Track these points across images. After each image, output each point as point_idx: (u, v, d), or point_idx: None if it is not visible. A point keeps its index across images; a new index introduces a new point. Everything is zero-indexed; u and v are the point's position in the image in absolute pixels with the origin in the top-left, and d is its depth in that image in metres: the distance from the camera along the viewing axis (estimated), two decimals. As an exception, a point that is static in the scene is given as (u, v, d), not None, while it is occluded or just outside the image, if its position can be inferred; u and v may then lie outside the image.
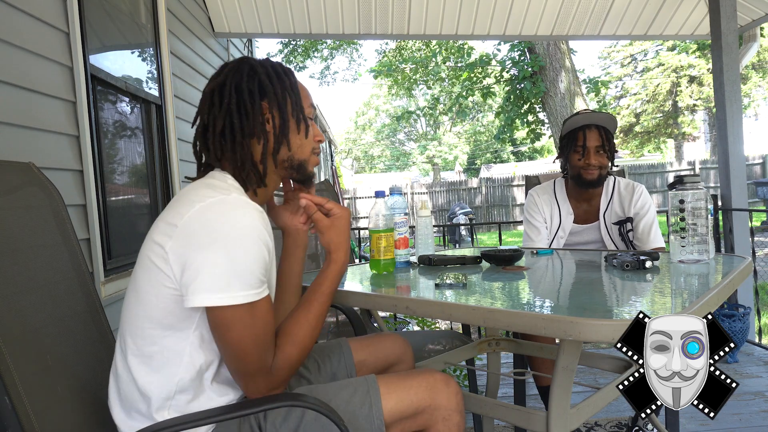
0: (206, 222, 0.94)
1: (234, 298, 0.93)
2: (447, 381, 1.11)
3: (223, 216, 0.95)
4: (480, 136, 30.02)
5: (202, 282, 0.92)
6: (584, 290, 1.29)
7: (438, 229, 9.43)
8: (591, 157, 2.04)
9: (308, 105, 1.16)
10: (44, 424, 0.94)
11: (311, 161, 1.18)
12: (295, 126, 1.12)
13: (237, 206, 0.97)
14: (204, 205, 0.96)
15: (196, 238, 0.94)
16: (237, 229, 0.94)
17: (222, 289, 0.92)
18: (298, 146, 1.14)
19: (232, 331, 0.95)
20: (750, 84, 19.22)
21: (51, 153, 1.84)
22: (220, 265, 0.92)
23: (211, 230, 0.94)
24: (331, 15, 4.03)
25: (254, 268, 0.95)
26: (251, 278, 0.95)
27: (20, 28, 1.72)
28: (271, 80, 1.10)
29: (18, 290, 1.03)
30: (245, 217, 0.96)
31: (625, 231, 2.10)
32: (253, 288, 0.95)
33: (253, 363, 0.97)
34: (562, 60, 8.52)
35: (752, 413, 2.40)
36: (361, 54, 21.58)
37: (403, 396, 1.07)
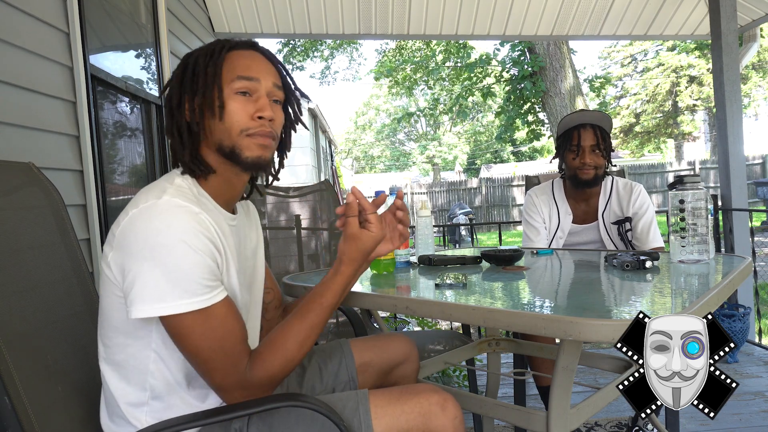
0: (136, 231, 0.90)
1: (174, 307, 0.88)
2: (443, 405, 1.01)
3: (151, 223, 0.90)
4: (480, 136, 30.03)
5: (139, 292, 0.88)
6: (584, 290, 1.29)
7: (438, 229, 9.43)
8: (586, 156, 2.03)
9: (233, 79, 1.01)
10: (44, 424, 0.94)
11: (244, 145, 1.01)
12: (209, 111, 1.01)
13: (165, 211, 0.90)
14: (135, 212, 0.92)
15: (129, 248, 0.90)
16: (165, 236, 0.89)
17: (159, 299, 0.88)
18: (221, 131, 1.01)
19: (187, 341, 0.91)
20: (750, 84, 19.21)
21: (51, 153, 1.84)
22: (153, 274, 0.88)
23: (141, 239, 0.89)
24: (331, 15, 4.03)
25: (192, 274, 0.89)
26: (191, 285, 0.89)
27: (20, 28, 1.72)
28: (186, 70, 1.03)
29: (18, 290, 1.03)
30: (175, 221, 0.90)
31: (624, 231, 2.10)
32: (196, 295, 0.90)
33: (220, 372, 0.93)
34: (562, 60, 8.52)
35: (752, 413, 2.40)
36: (361, 54, 21.58)
37: (394, 421, 0.99)
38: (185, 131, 1.03)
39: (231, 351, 0.93)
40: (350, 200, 1.08)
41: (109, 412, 1.02)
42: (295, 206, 2.55)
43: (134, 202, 0.94)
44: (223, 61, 1.02)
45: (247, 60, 1.04)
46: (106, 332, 0.99)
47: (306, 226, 2.57)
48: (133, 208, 0.92)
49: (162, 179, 1.02)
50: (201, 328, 0.91)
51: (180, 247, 0.89)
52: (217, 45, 1.05)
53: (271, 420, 0.99)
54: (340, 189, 13.65)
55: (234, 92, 1.01)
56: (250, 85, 1.02)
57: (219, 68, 1.01)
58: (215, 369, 0.93)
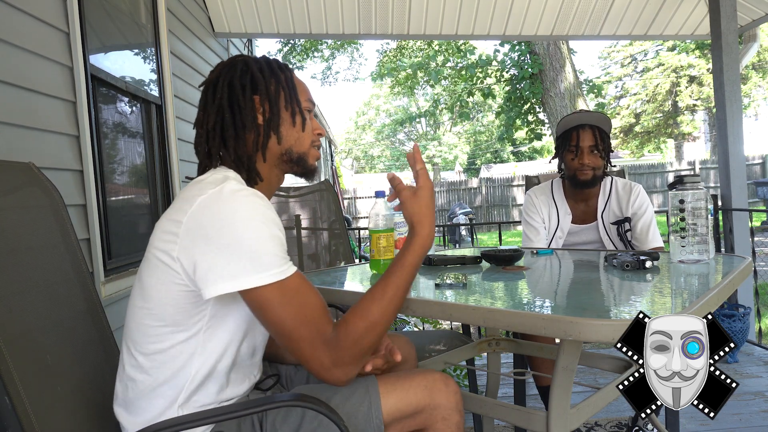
0: (209, 213, 0.94)
1: (254, 281, 0.92)
2: (446, 380, 1.10)
3: (224, 203, 0.95)
4: (480, 136, 30.03)
5: (217, 271, 0.92)
6: (584, 290, 1.29)
7: (438, 229, 9.43)
8: (585, 157, 2.03)
9: (305, 99, 1.16)
10: (44, 424, 0.94)
11: (311, 154, 1.17)
12: (289, 119, 1.12)
13: (236, 192, 0.96)
14: (204, 197, 0.96)
15: (203, 230, 0.94)
16: (240, 212, 0.94)
17: (238, 275, 0.92)
18: (295, 139, 1.13)
19: (268, 313, 0.95)
20: (750, 84, 19.22)
21: (51, 153, 1.84)
22: (231, 251, 0.92)
23: (215, 220, 0.94)
24: (331, 15, 4.03)
25: (268, 247, 0.94)
26: (267, 258, 0.93)
27: (20, 28, 1.72)
28: (264, 74, 1.11)
29: (18, 290, 1.03)
30: (247, 200, 0.96)
31: (623, 231, 2.10)
32: (275, 267, 0.94)
33: (304, 339, 0.95)
34: (562, 60, 8.52)
35: (752, 413, 2.40)
36: (361, 54, 21.60)
37: (402, 395, 1.06)
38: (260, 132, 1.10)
39: (313, 319, 0.96)
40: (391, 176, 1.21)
41: (132, 407, 1.02)
42: (295, 206, 2.55)
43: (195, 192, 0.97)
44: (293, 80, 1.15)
45: (304, 85, 1.19)
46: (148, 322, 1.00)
47: (306, 226, 2.57)
48: (200, 196, 0.96)
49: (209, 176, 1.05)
50: (280, 299, 0.94)
51: (255, 223, 0.94)
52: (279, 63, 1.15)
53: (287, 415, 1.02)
54: (340, 189, 13.65)
55: (305, 109, 1.16)
56: (312, 107, 1.19)
57: (294, 86, 1.14)
58: (301, 338, 0.95)
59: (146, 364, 1.00)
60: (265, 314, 0.95)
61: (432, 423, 1.08)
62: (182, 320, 0.98)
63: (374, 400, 1.04)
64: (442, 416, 1.07)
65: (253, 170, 1.10)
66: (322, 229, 2.60)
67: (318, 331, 0.96)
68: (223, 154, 1.10)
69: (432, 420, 1.08)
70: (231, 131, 1.08)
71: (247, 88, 1.09)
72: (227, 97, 1.09)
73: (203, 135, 1.10)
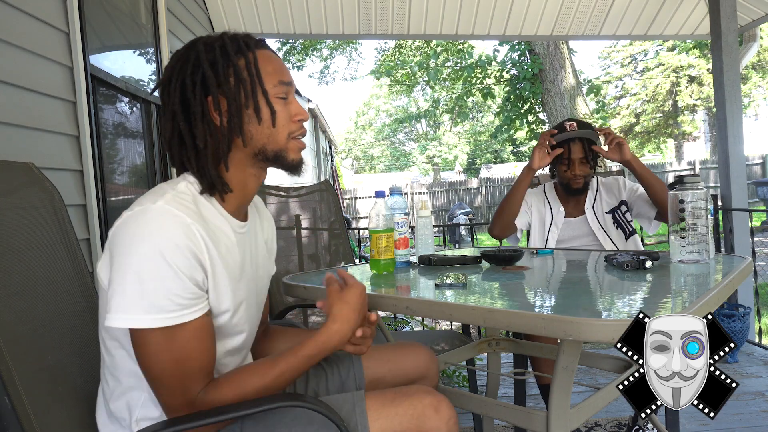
0: (124, 235, 0.88)
1: (138, 321, 0.85)
2: (437, 407, 0.99)
3: (138, 229, 0.87)
4: (480, 136, 30.02)
5: (113, 300, 0.86)
6: (584, 290, 1.29)
7: (438, 229, 9.42)
8: (576, 168, 2.19)
9: (275, 83, 0.99)
10: (44, 424, 0.94)
11: (290, 148, 1.02)
12: (254, 116, 0.98)
13: (155, 218, 0.87)
14: (129, 215, 0.89)
15: (115, 251, 0.88)
16: (147, 245, 0.85)
17: (124, 310, 0.85)
18: (266, 136, 0.99)
19: (143, 355, 0.88)
20: (750, 84, 19.21)
21: (51, 153, 1.84)
22: (128, 282, 0.85)
23: (125, 245, 0.87)
24: (331, 15, 4.02)
25: (166, 289, 0.86)
26: (162, 300, 0.85)
27: (20, 28, 1.72)
28: (216, 68, 0.96)
29: (18, 290, 1.03)
30: (161, 232, 0.86)
31: (620, 214, 2.23)
32: (164, 312, 0.86)
33: (166, 392, 0.89)
34: (562, 60, 8.51)
35: (752, 413, 2.40)
36: (360, 53, 21.59)
37: (389, 424, 0.98)
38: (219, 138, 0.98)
39: (186, 375, 0.89)
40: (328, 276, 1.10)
41: (108, 414, 1.02)
42: (295, 206, 2.55)
43: (132, 204, 0.93)
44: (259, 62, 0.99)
45: (276, 63, 1.02)
46: (104, 336, 0.98)
47: (306, 226, 2.56)
48: (128, 212, 0.90)
49: (168, 182, 0.99)
50: (159, 347, 0.87)
51: (157, 260, 0.85)
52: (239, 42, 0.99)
53: (265, 421, 0.98)
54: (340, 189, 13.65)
55: (276, 96, 1.00)
56: (288, 89, 1.02)
57: (259, 70, 0.98)
58: (163, 388, 0.90)
59: (107, 376, 0.99)
60: (138, 354, 0.89)
61: None
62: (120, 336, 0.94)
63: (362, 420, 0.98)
64: None
65: (217, 183, 0.98)
66: (322, 229, 2.60)
67: (184, 387, 0.90)
68: (185, 163, 1.00)
69: None
70: (189, 140, 0.98)
71: (197, 89, 0.96)
72: (179, 102, 0.97)
73: (165, 143, 1.02)
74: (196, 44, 1.00)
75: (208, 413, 0.92)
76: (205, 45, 0.99)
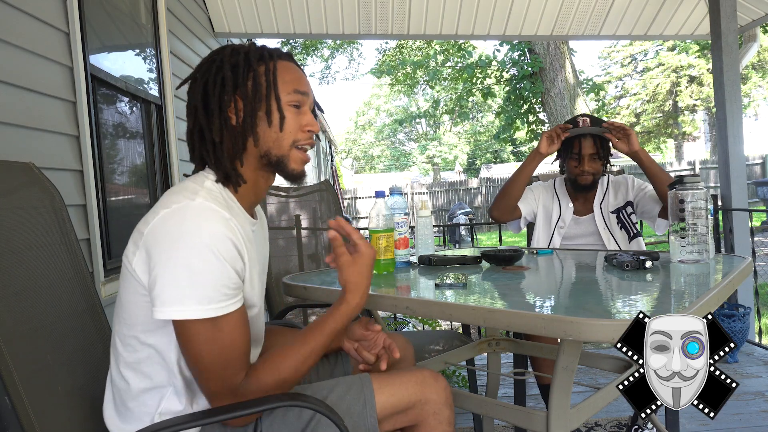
0: (167, 231, 0.91)
1: (191, 312, 0.89)
2: (436, 377, 1.11)
3: (182, 223, 0.91)
4: (480, 136, 30.03)
5: (161, 293, 0.89)
6: (584, 290, 1.29)
7: (438, 229, 9.43)
8: (585, 164, 2.16)
9: (290, 91, 1.05)
10: (44, 424, 0.94)
11: (292, 157, 1.06)
12: (265, 118, 1.03)
13: (198, 214, 0.92)
14: (167, 212, 0.93)
15: (158, 247, 0.91)
16: (195, 237, 0.90)
17: (178, 302, 0.89)
18: (273, 140, 1.04)
19: (192, 346, 0.92)
20: (750, 84, 19.22)
21: (51, 153, 1.84)
22: (177, 276, 0.89)
23: (171, 240, 0.90)
24: (331, 15, 4.03)
25: (215, 280, 0.90)
26: (211, 291, 0.90)
27: (20, 28, 1.72)
28: (237, 71, 1.03)
29: (18, 290, 1.03)
30: (206, 224, 0.91)
31: (626, 215, 2.21)
32: (214, 302, 0.90)
33: (215, 381, 0.93)
34: (562, 60, 8.52)
35: (752, 413, 2.40)
36: (361, 53, 21.61)
37: (394, 391, 1.07)
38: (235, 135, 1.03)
39: (231, 362, 0.94)
40: (332, 235, 1.11)
41: (120, 413, 1.02)
42: (295, 206, 2.55)
43: (164, 202, 0.95)
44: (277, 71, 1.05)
45: (296, 73, 1.08)
46: (126, 331, 0.99)
47: (306, 226, 2.56)
48: (163, 209, 0.93)
49: (189, 181, 1.03)
50: (208, 335, 0.91)
51: (206, 253, 0.90)
52: (263, 51, 1.06)
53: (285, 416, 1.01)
54: (340, 189, 13.65)
55: (288, 104, 1.04)
56: (302, 99, 1.06)
57: (276, 77, 1.04)
58: (212, 377, 0.93)
59: (127, 373, 1.00)
60: (187, 345, 0.92)
61: (424, 418, 1.09)
62: (151, 331, 0.97)
63: (369, 397, 1.05)
64: (433, 411, 1.08)
65: (232, 174, 1.03)
66: (322, 229, 2.59)
67: (231, 376, 0.94)
68: (204, 156, 1.06)
69: (424, 415, 1.08)
70: (208, 135, 1.03)
71: (217, 89, 1.03)
72: (201, 99, 1.04)
73: (187, 138, 1.08)
74: (224, 49, 1.07)
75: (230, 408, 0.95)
76: (232, 50, 1.06)
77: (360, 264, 1.09)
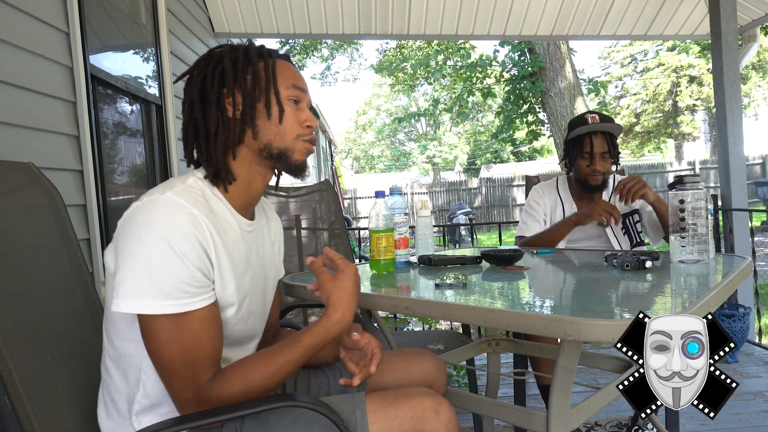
0: (133, 223, 0.91)
1: (145, 307, 0.87)
2: (437, 410, 1.00)
3: (148, 217, 0.90)
4: (480, 136, 30.02)
5: (119, 285, 0.88)
6: (584, 290, 1.29)
7: (438, 229, 9.43)
8: (597, 164, 2.07)
9: (288, 86, 1.05)
10: (44, 424, 0.94)
11: (297, 149, 1.06)
12: (264, 110, 1.03)
13: (163, 208, 0.90)
14: (138, 204, 0.92)
15: (123, 239, 0.91)
16: (155, 232, 0.88)
17: (134, 295, 0.87)
18: (274, 133, 1.03)
19: (153, 343, 0.90)
20: (750, 84, 19.21)
21: (51, 153, 1.84)
22: (135, 269, 0.88)
23: (134, 232, 0.90)
24: (331, 15, 4.03)
25: (172, 276, 0.88)
26: (168, 287, 0.88)
27: (20, 28, 1.72)
28: (237, 65, 1.03)
29: (18, 290, 1.03)
30: (169, 220, 0.89)
31: (632, 223, 2.14)
32: (172, 298, 0.88)
33: (177, 382, 0.91)
34: (562, 60, 8.51)
35: (752, 413, 2.40)
36: (361, 54, 21.61)
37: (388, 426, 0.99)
38: (230, 128, 1.03)
39: (194, 364, 0.91)
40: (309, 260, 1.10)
41: (106, 408, 1.02)
42: (295, 206, 2.55)
43: (142, 196, 0.95)
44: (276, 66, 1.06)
45: (293, 71, 1.08)
46: (108, 325, 0.99)
47: (306, 226, 2.56)
48: (136, 202, 0.93)
49: (175, 178, 1.02)
50: (171, 333, 0.89)
51: (165, 247, 0.88)
52: (262, 49, 1.07)
53: (266, 421, 0.98)
54: (340, 189, 13.65)
55: (287, 98, 1.05)
56: (301, 95, 1.07)
57: (275, 71, 1.05)
58: (174, 376, 0.91)
59: (110, 368, 1.00)
60: (149, 341, 0.90)
61: None
62: (124, 327, 0.95)
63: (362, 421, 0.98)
64: None
65: (222, 169, 1.02)
66: (322, 230, 2.60)
67: (194, 376, 0.91)
68: (197, 151, 1.05)
69: None
70: (202, 128, 1.03)
71: (215, 82, 1.03)
72: (198, 93, 1.03)
73: (182, 134, 1.07)
74: (222, 46, 1.08)
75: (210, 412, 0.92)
76: (231, 47, 1.07)
77: (341, 280, 1.05)
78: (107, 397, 1.01)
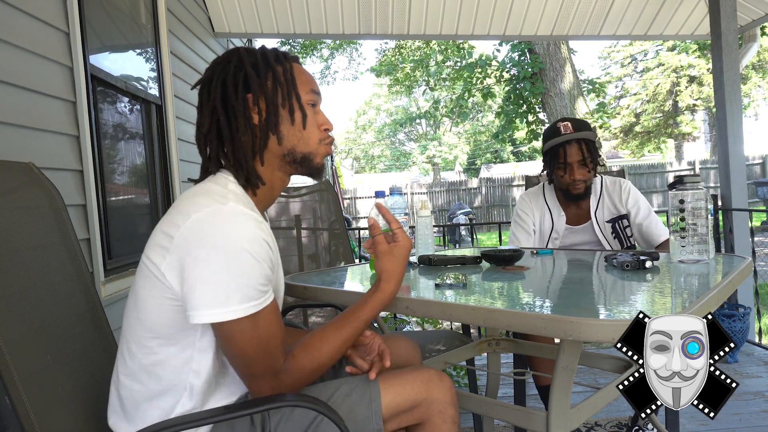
0: (201, 234, 0.92)
1: (234, 312, 0.91)
2: (441, 376, 1.12)
3: (218, 228, 0.92)
4: (480, 136, 30.02)
5: (201, 297, 0.91)
6: (584, 290, 1.29)
7: (438, 229, 9.43)
8: (575, 173, 2.04)
9: (308, 91, 1.09)
10: (44, 424, 0.94)
11: (319, 152, 1.11)
12: (287, 116, 1.06)
13: (232, 217, 0.94)
14: (199, 215, 0.93)
15: (192, 250, 0.92)
16: (232, 241, 0.92)
17: (221, 304, 0.91)
18: (298, 138, 1.07)
19: (236, 342, 0.94)
20: (750, 84, 19.21)
21: (51, 153, 1.84)
22: (217, 279, 0.91)
23: (206, 243, 0.91)
24: (331, 15, 4.03)
25: (252, 279, 0.93)
26: (250, 290, 0.92)
27: (20, 28, 1.72)
28: (258, 70, 1.05)
29: (18, 290, 1.03)
30: (241, 228, 0.93)
31: (621, 228, 2.11)
32: (253, 299, 0.93)
33: (258, 367, 0.96)
34: (562, 60, 8.51)
35: (752, 413, 2.40)
36: (360, 53, 21.61)
37: (400, 390, 1.07)
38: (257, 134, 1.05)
39: (272, 353, 0.96)
40: (371, 222, 1.16)
41: (128, 415, 1.01)
42: (295, 206, 2.55)
43: (192, 205, 0.95)
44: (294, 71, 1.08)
45: (308, 75, 1.11)
46: (142, 333, 0.99)
47: (306, 226, 2.57)
48: (194, 212, 0.94)
49: (210, 183, 1.03)
50: (250, 331, 0.94)
51: (245, 256, 0.92)
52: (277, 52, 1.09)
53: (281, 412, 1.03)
54: (340, 189, 13.64)
55: (307, 103, 1.09)
56: (317, 98, 1.11)
57: (294, 76, 1.07)
58: (256, 370, 0.96)
59: (141, 375, 1.00)
60: (231, 344, 0.94)
61: (429, 417, 1.09)
62: (174, 334, 0.97)
63: (374, 396, 1.05)
64: (438, 410, 1.09)
65: (252, 174, 1.05)
66: (322, 230, 2.60)
67: (272, 365, 0.97)
68: (221, 157, 1.06)
69: (429, 414, 1.09)
70: (227, 134, 1.04)
71: (239, 87, 1.04)
72: (220, 98, 1.04)
73: (201, 138, 1.07)
74: (237, 50, 1.09)
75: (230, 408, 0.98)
76: (247, 51, 1.08)
77: (397, 254, 1.12)
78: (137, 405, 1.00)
